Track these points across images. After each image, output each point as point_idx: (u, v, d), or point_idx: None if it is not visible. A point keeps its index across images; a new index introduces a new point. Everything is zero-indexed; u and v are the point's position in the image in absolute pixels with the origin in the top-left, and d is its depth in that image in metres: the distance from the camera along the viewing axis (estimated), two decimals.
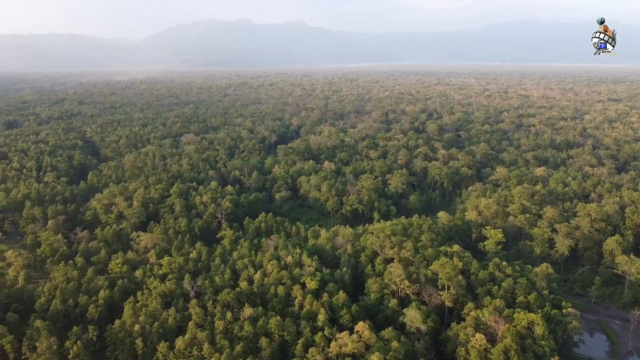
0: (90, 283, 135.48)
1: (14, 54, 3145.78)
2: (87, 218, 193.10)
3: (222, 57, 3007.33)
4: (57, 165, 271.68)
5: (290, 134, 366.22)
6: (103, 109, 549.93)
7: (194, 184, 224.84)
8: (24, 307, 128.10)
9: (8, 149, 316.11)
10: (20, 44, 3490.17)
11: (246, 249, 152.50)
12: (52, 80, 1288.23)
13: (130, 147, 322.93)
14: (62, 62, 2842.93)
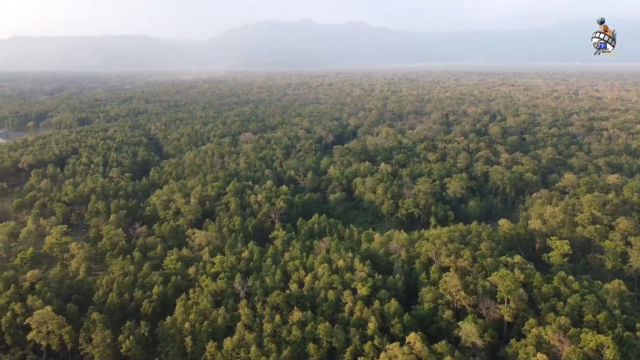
0: (146, 278, 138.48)
1: (90, 54, 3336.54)
2: (147, 213, 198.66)
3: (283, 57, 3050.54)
4: (122, 161, 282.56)
5: (347, 134, 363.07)
6: (168, 107, 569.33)
7: (250, 182, 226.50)
8: (83, 299, 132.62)
9: (79, 144, 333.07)
10: (95, 45, 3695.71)
11: (298, 251, 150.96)
12: (122, 80, 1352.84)
13: (191, 145, 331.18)
14: (133, 62, 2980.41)
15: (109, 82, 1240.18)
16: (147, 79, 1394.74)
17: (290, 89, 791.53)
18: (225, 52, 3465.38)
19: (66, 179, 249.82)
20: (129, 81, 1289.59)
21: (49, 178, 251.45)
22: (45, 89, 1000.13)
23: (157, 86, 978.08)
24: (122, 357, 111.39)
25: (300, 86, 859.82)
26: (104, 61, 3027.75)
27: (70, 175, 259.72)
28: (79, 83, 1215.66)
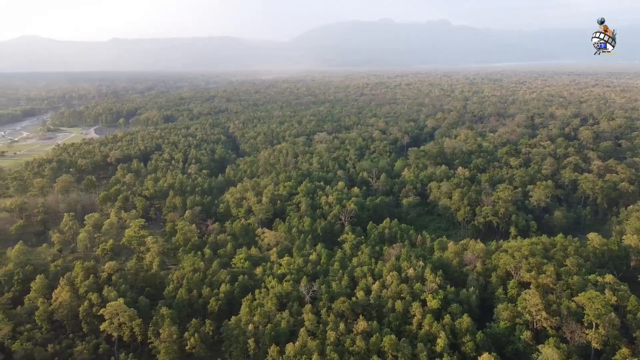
0: (214, 276, 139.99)
1: (179, 55, 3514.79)
2: (220, 210, 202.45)
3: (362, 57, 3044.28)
4: (201, 158, 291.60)
5: (424, 136, 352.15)
6: (247, 106, 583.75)
7: (322, 183, 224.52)
8: (155, 292, 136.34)
9: (162, 141, 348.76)
10: (185, 46, 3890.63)
11: (367, 256, 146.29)
12: (207, 79, 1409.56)
13: (266, 144, 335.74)
14: (219, 62, 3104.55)
15: (194, 82, 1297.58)
16: (229, 78, 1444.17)
17: (367, 89, 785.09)
18: (305, 52, 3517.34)
19: (148, 174, 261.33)
20: (212, 81, 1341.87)
21: (133, 172, 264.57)
22: (136, 87, 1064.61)
23: (238, 85, 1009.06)
24: (186, 353, 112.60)
25: (377, 86, 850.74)
26: (192, 62, 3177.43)
27: (153, 170, 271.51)
28: (168, 82, 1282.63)
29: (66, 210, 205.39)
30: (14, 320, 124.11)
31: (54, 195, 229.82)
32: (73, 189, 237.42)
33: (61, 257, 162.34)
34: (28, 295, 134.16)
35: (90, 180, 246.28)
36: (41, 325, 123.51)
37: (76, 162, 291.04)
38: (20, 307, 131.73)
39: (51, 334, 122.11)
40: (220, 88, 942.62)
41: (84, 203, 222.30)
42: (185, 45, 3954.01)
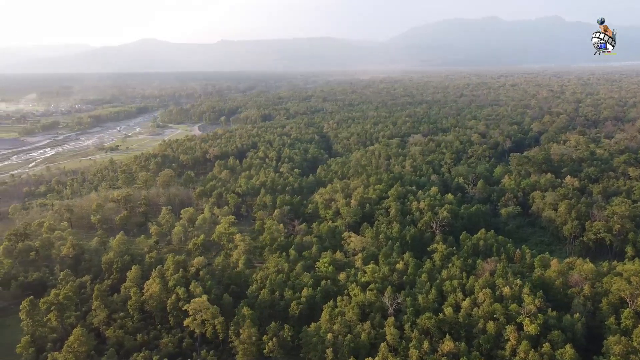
0: (298, 278, 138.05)
1: (279, 56, 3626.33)
2: (308, 211, 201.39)
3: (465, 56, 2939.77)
4: (294, 157, 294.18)
5: (528, 140, 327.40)
6: (342, 106, 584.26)
7: (414, 187, 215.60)
8: (239, 291, 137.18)
9: (258, 139, 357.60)
10: (285, 47, 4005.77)
11: (458, 269, 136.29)
12: (305, 79, 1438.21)
13: (359, 144, 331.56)
14: (318, 62, 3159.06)
15: (293, 81, 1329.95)
16: (327, 78, 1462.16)
17: (467, 90, 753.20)
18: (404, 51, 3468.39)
19: (243, 171, 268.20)
20: (311, 80, 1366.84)
21: (229, 169, 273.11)
22: (239, 87, 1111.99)
23: (335, 85, 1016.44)
24: (264, 356, 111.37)
25: (478, 87, 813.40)
26: (293, 62, 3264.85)
27: (247, 167, 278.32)
28: (268, 82, 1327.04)
29: (165, 204, 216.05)
30: (110, 307, 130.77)
31: (156, 188, 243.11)
32: (173, 183, 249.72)
33: (157, 249, 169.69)
34: (124, 284, 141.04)
35: (189, 175, 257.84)
36: (133, 314, 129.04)
37: (178, 158, 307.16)
38: (116, 294, 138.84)
39: (141, 323, 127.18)
40: (318, 88, 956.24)
41: (182, 197, 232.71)
42: (287, 46, 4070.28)
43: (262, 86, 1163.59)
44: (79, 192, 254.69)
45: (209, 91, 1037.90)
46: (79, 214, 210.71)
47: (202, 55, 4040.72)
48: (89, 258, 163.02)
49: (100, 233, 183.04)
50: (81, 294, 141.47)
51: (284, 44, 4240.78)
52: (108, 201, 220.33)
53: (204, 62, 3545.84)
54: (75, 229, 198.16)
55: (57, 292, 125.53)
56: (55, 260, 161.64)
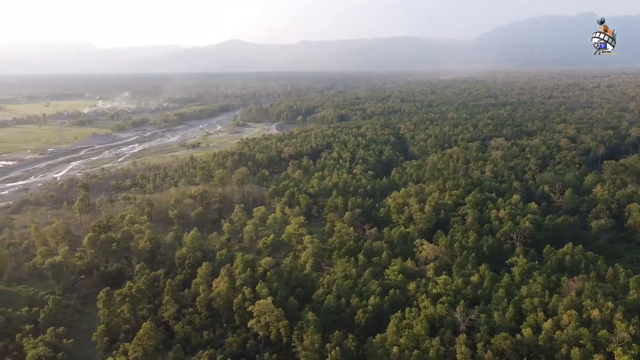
0: (365, 285, 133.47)
1: (361, 56, 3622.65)
2: (380, 215, 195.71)
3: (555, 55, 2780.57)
4: (368, 159, 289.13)
5: (625, 147, 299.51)
6: (421, 107, 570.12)
7: (494, 194, 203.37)
8: (305, 294, 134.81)
9: (333, 139, 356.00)
10: (365, 47, 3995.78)
11: (539, 286, 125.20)
12: (384, 79, 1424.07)
13: (436, 147, 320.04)
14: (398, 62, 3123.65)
15: (371, 82, 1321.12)
16: (407, 78, 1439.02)
17: (557, 91, 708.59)
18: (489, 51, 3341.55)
19: (316, 171, 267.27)
20: (390, 80, 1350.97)
21: (303, 169, 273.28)
22: (317, 87, 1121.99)
23: (414, 85, 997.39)
24: None
25: (569, 88, 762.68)
26: (372, 62, 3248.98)
27: (320, 168, 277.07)
28: (347, 82, 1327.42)
29: (239, 202, 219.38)
30: (180, 302, 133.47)
31: (231, 186, 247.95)
32: (248, 182, 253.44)
33: (228, 247, 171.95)
34: (194, 280, 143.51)
35: (263, 174, 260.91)
36: (201, 311, 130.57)
37: (254, 156, 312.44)
38: (187, 290, 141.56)
39: (208, 320, 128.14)
40: (396, 88, 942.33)
41: (255, 195, 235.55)
42: (367, 46, 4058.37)
43: (340, 86, 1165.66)
44: (161, 187, 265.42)
45: (288, 91, 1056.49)
46: (158, 208, 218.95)
47: (284, 56, 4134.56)
48: (164, 252, 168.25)
49: (176, 228, 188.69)
50: (154, 287, 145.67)
51: (364, 43, 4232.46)
52: (186, 197, 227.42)
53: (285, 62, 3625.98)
54: (155, 222, 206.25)
55: (131, 284, 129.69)
56: (134, 253, 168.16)
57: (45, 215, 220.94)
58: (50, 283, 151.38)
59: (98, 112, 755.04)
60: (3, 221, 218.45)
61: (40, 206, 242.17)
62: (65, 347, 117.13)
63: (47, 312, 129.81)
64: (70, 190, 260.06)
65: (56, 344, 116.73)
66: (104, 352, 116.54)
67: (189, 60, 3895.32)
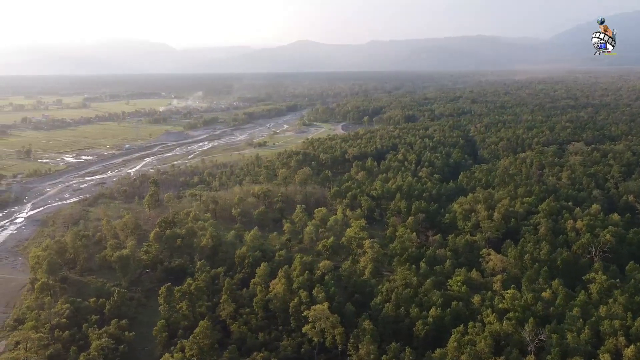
0: (427, 295, 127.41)
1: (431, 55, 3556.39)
2: (445, 221, 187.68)
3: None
4: (434, 162, 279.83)
5: None
6: (493, 108, 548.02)
7: (570, 203, 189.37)
8: (363, 300, 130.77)
9: (399, 140, 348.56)
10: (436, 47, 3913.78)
11: (621, 307, 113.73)
12: (455, 80, 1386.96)
13: (508, 151, 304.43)
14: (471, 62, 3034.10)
15: (441, 82, 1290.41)
16: (479, 78, 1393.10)
17: None
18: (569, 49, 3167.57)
19: (380, 173, 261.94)
20: (461, 81, 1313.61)
21: (366, 171, 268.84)
22: (385, 87, 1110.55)
23: (487, 86, 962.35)
24: None
25: None
26: (443, 62, 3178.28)
27: (384, 170, 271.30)
28: (415, 82, 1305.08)
29: (301, 202, 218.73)
30: (237, 301, 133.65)
31: (294, 185, 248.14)
32: (310, 182, 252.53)
33: (287, 248, 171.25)
34: (253, 280, 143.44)
35: (326, 174, 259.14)
36: (257, 312, 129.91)
37: (318, 156, 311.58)
38: (245, 289, 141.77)
39: (264, 322, 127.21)
40: (467, 88, 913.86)
41: (317, 196, 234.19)
42: (438, 46, 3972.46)
43: (409, 86, 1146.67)
44: (226, 184, 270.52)
45: (356, 91, 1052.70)
46: (222, 205, 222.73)
47: (352, 56, 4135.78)
48: (225, 250, 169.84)
49: (237, 226, 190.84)
50: (214, 285, 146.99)
51: (435, 43, 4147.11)
52: (249, 195, 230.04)
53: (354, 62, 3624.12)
54: (219, 220, 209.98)
55: (190, 282, 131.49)
56: (196, 249, 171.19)
57: (118, 209, 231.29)
58: (118, 275, 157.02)
59: (172, 110, 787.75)
60: (80, 213, 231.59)
61: (114, 200, 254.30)
62: (127, 340, 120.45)
63: (112, 304, 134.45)
64: (142, 186, 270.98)
65: (119, 336, 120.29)
66: (163, 348, 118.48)
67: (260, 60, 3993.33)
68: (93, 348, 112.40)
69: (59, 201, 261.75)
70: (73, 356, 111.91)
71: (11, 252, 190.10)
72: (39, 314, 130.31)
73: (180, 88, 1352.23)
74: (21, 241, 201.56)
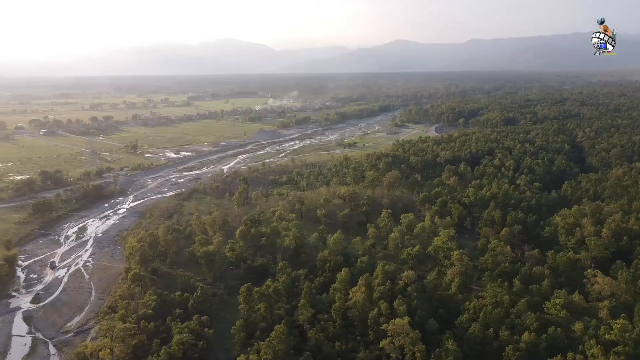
0: (519, 317, 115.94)
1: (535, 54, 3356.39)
2: (544, 235, 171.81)
3: None
4: (535, 168, 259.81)
5: None
6: (605, 111, 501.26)
7: None
8: (447, 317, 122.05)
9: (496, 145, 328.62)
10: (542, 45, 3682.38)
11: None
12: (562, 80, 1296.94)
13: (622, 159, 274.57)
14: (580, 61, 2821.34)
15: (547, 83, 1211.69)
16: (589, 79, 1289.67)
17: None
18: None
19: (473, 179, 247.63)
20: (569, 81, 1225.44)
21: (459, 176, 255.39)
22: (483, 87, 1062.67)
23: (598, 87, 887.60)
24: None
25: None
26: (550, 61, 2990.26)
27: (479, 176, 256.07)
28: (518, 83, 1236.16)
29: (387, 206, 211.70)
30: (316, 307, 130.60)
31: (381, 188, 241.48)
32: (399, 185, 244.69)
33: (370, 253, 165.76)
34: (333, 285, 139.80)
35: (415, 178, 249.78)
36: (335, 319, 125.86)
37: (408, 159, 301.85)
38: (325, 294, 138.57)
39: (342, 330, 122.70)
40: (576, 89, 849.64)
41: (405, 201, 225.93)
42: (545, 44, 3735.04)
43: (510, 87, 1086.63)
44: (313, 184, 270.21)
45: (452, 91, 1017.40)
46: (308, 205, 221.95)
47: (451, 55, 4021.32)
48: (307, 252, 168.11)
49: (321, 228, 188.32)
50: (295, 287, 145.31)
51: (543, 41, 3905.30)
52: (335, 197, 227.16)
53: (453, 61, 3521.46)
54: (303, 220, 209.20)
55: (269, 284, 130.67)
56: (279, 249, 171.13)
57: (209, 204, 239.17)
58: (203, 270, 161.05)
59: (268, 109, 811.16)
60: (175, 207, 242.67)
61: (207, 195, 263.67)
62: (206, 337, 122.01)
63: (195, 299, 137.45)
64: (234, 182, 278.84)
65: (199, 332, 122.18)
66: (240, 347, 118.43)
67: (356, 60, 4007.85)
68: (174, 342, 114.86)
69: (158, 194, 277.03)
70: (156, 348, 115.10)
71: (112, 241, 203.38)
72: (129, 303, 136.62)
73: (277, 87, 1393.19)
74: (121, 231, 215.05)
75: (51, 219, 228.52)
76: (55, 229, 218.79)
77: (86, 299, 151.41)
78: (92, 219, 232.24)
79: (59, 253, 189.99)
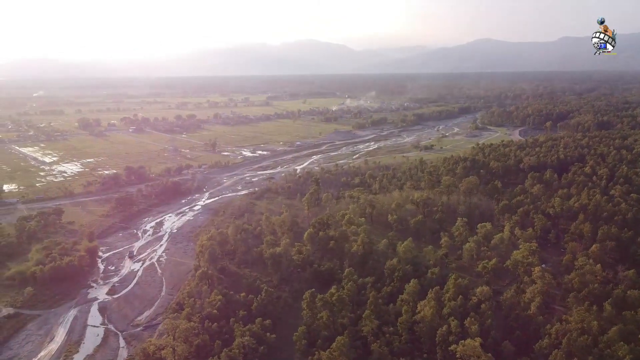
0: (610, 347, 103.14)
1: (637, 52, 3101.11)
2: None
3: None
4: (632, 178, 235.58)
5: None
6: None
7: None
8: (525, 340, 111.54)
9: (587, 151, 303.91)
10: None
11: None
12: None
13: None
14: None
15: None
16: None
17: None
18: None
19: (560, 188, 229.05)
20: None
21: (544, 184, 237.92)
22: (575, 89, 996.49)
23: None
24: None
25: None
26: None
27: (566, 184, 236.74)
28: (614, 84, 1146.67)
29: (463, 214, 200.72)
30: (382, 318, 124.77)
31: (457, 195, 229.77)
32: (477, 192, 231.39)
33: (442, 264, 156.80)
34: (401, 296, 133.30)
35: (495, 185, 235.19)
36: (401, 333, 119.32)
37: (488, 164, 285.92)
38: (392, 305, 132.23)
39: (408, 346, 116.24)
40: None
41: (482, 209, 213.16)
42: None
43: (605, 88, 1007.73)
44: (386, 188, 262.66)
45: (539, 93, 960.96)
46: (379, 210, 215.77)
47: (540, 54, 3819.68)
48: (375, 259, 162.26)
49: (391, 234, 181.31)
50: (360, 295, 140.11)
51: None
52: (408, 202, 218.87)
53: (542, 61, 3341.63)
54: (374, 225, 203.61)
55: (333, 292, 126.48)
56: (347, 255, 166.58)
57: (280, 205, 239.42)
58: (270, 272, 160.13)
59: (344, 109, 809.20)
60: (247, 206, 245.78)
61: (278, 195, 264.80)
62: (268, 341, 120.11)
63: (259, 302, 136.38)
64: (306, 183, 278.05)
65: (261, 336, 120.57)
66: (301, 355, 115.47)
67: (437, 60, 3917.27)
68: (235, 345, 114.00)
69: (232, 192, 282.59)
70: (217, 350, 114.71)
71: (185, 237, 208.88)
72: (195, 301, 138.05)
73: (355, 88, 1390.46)
74: (195, 227, 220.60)
75: (132, 213, 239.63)
76: (135, 222, 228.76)
77: (157, 294, 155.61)
78: (169, 215, 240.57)
79: (136, 246, 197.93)
